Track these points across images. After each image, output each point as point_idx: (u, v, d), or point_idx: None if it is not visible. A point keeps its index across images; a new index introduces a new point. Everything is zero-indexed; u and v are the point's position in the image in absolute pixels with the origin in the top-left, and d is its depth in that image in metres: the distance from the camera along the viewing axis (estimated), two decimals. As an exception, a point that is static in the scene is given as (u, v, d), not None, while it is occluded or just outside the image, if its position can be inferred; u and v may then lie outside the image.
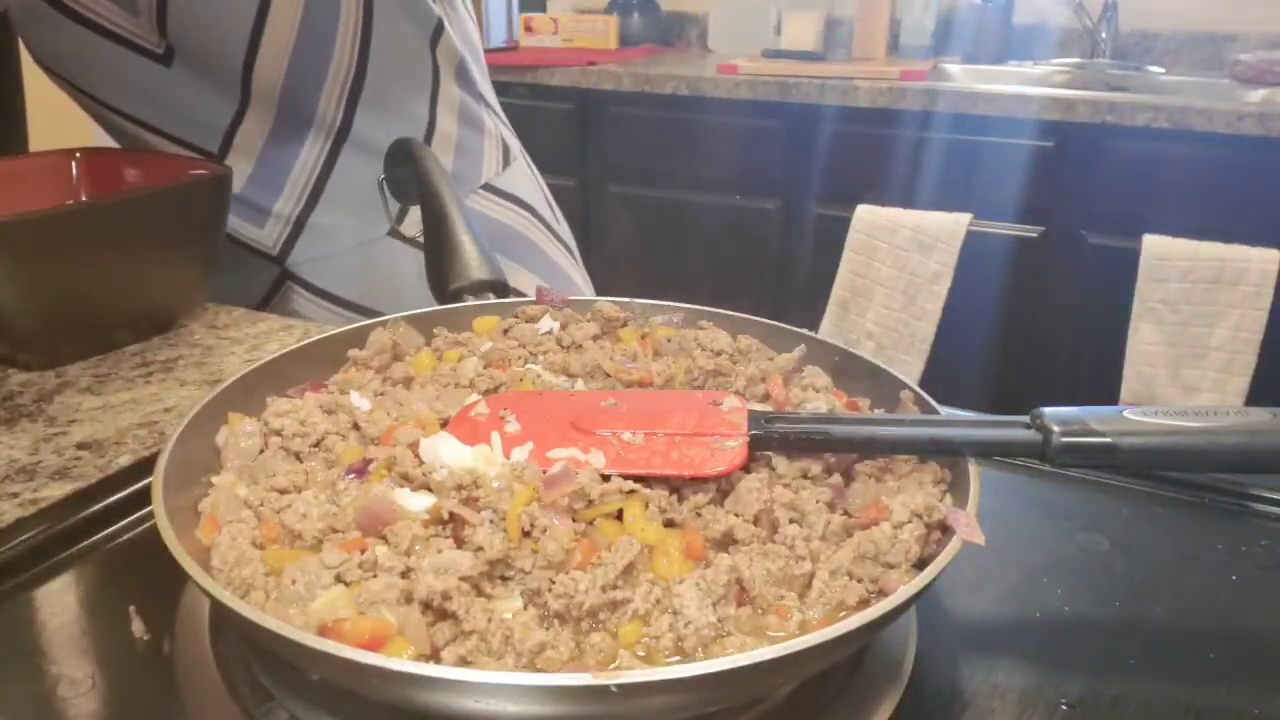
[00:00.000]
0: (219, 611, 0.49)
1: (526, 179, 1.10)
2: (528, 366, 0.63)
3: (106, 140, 1.02)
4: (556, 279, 1.06)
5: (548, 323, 0.67)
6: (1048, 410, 0.48)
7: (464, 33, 1.02)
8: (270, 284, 1.00)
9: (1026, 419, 0.49)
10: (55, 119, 1.21)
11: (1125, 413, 0.48)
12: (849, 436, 0.51)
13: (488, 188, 1.04)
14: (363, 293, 0.98)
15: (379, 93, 0.93)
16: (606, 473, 0.49)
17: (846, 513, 0.49)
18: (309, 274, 0.99)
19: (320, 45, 0.88)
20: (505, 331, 0.67)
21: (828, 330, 2.26)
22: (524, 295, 0.73)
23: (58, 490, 0.61)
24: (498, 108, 1.09)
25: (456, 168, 1.01)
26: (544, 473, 0.48)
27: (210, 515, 0.49)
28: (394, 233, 0.97)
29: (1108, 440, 0.46)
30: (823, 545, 0.47)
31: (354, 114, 0.93)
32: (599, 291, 1.07)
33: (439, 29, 0.96)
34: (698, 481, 0.50)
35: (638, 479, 0.49)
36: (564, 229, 1.12)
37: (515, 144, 1.10)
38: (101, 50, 0.87)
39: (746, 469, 0.51)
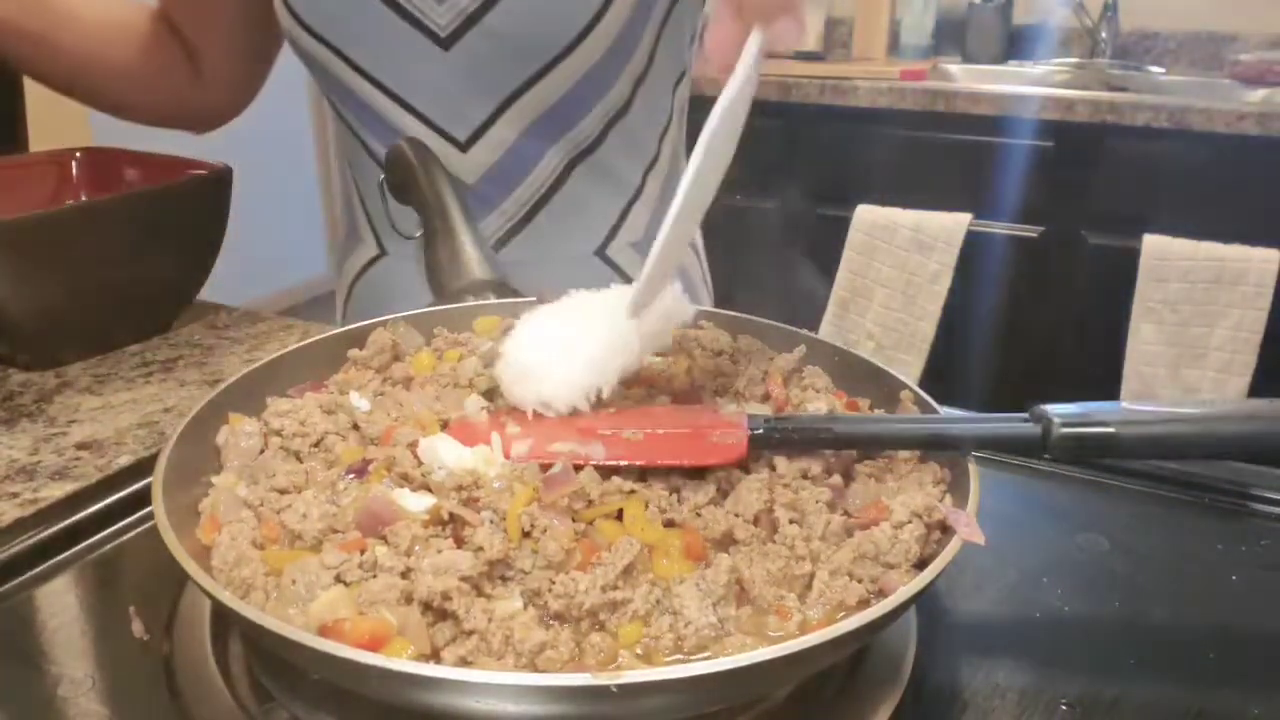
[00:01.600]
0: (219, 611, 0.49)
1: (697, 232, 1.11)
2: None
3: (107, 139, 1.02)
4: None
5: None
6: (1047, 406, 0.49)
7: (688, 81, 1.06)
8: None
9: (1025, 415, 0.49)
10: (55, 119, 1.21)
11: (1125, 405, 0.48)
12: (849, 433, 0.51)
13: None
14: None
15: (631, 121, 0.96)
16: (608, 464, 0.49)
17: (847, 513, 0.49)
18: (512, 274, 0.99)
19: (611, 75, 0.90)
20: (505, 331, 0.67)
21: (828, 330, 2.26)
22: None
23: (57, 490, 0.61)
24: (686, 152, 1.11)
25: (660, 201, 1.02)
26: (543, 472, 0.48)
27: (210, 515, 0.49)
28: (600, 254, 0.98)
29: (1109, 430, 0.46)
30: (823, 545, 0.47)
31: (607, 135, 0.95)
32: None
33: (683, 74, 1.01)
34: (698, 470, 0.50)
35: (638, 479, 0.49)
36: (710, 279, 1.14)
37: None
38: (379, 20, 0.86)
39: (746, 469, 0.51)
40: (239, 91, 1.06)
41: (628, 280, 0.98)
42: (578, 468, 0.49)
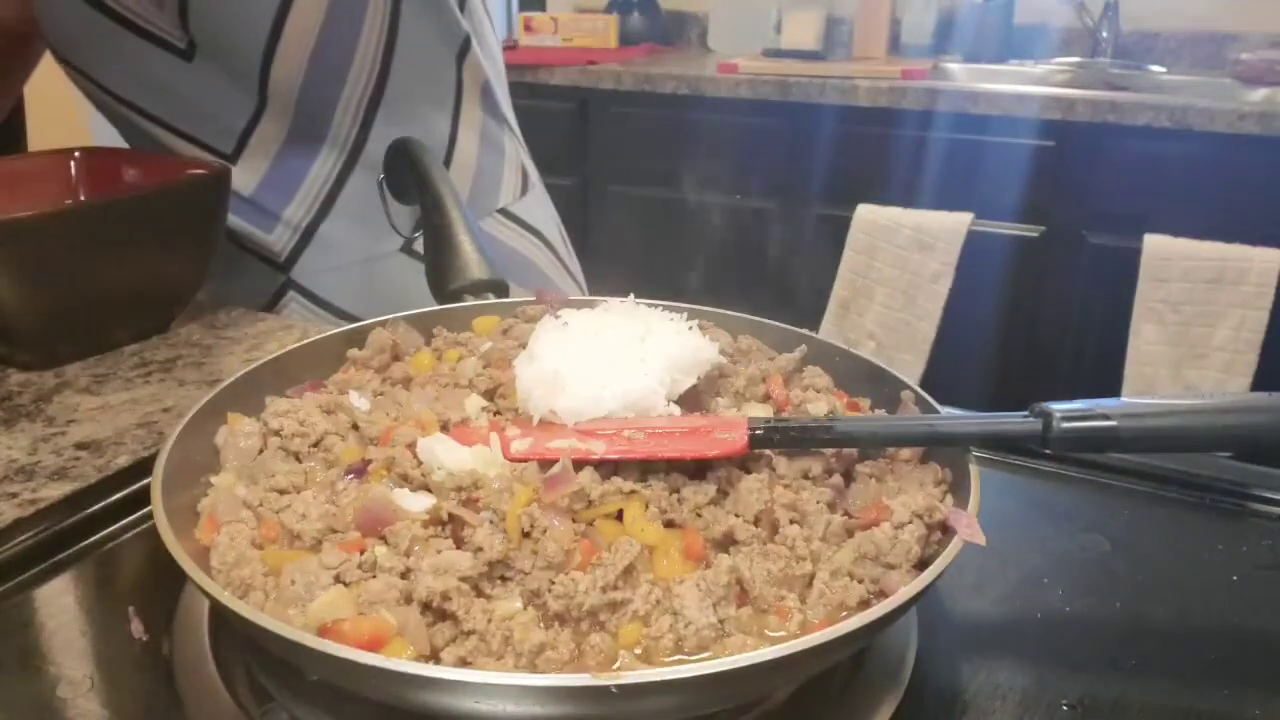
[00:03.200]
0: (218, 612, 0.49)
1: (542, 208, 1.09)
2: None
3: (107, 139, 1.02)
4: None
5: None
6: (1048, 403, 0.49)
7: (490, 54, 1.01)
8: (273, 292, 0.99)
9: (1026, 412, 0.49)
10: (55, 119, 1.21)
11: (1126, 399, 0.48)
12: (850, 432, 0.51)
13: (504, 212, 1.03)
14: (366, 307, 0.96)
15: (398, 106, 0.92)
16: (609, 458, 0.49)
17: (847, 513, 0.49)
18: (313, 284, 0.98)
19: (341, 49, 0.87)
20: (505, 331, 0.67)
21: (828, 330, 2.26)
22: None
23: (57, 490, 0.61)
24: (519, 133, 1.08)
25: (474, 189, 1.00)
26: (543, 472, 0.48)
27: (209, 515, 0.49)
28: (406, 249, 0.96)
29: (1111, 424, 0.47)
30: (823, 546, 0.47)
31: (371, 126, 0.92)
32: (598, 291, 1.06)
33: (466, 46, 0.95)
34: (699, 470, 0.50)
35: (638, 479, 0.49)
36: (574, 262, 1.11)
37: (534, 172, 1.09)
38: (123, 42, 0.86)
39: (747, 469, 0.51)
40: None
41: None
42: (578, 465, 0.49)
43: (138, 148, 0.96)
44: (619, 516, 0.47)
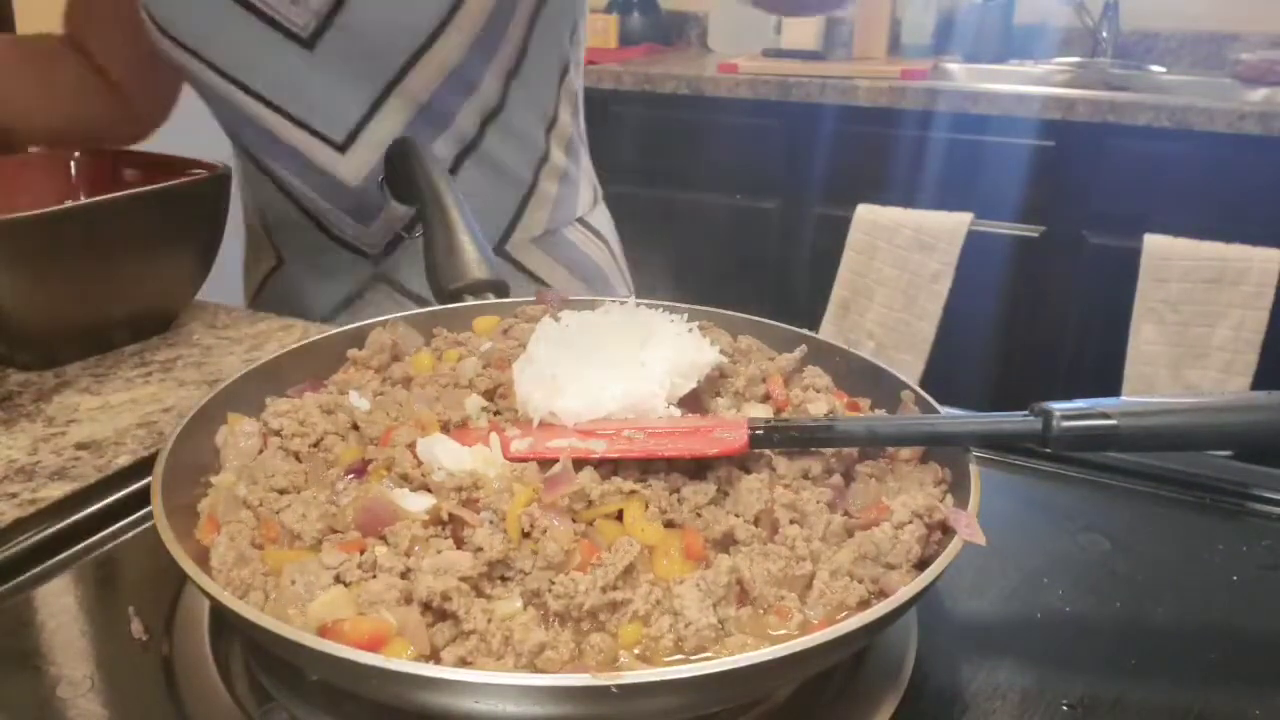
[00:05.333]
0: (218, 612, 0.49)
1: (607, 218, 1.13)
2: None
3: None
4: None
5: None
6: (1048, 402, 0.49)
7: (580, 74, 1.06)
8: (360, 282, 1.00)
9: (1026, 411, 0.49)
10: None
11: (1126, 398, 0.48)
12: (850, 431, 0.51)
13: (581, 221, 1.07)
14: None
15: (511, 118, 0.96)
16: (610, 456, 0.49)
17: (847, 513, 0.49)
18: (406, 279, 0.99)
19: (476, 67, 0.91)
20: (505, 331, 0.67)
21: (828, 330, 2.26)
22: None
23: (56, 490, 0.61)
24: (587, 149, 1.12)
25: (558, 198, 1.03)
26: (543, 472, 0.48)
27: (209, 515, 0.49)
28: (499, 250, 0.98)
29: (1111, 422, 0.47)
30: (823, 546, 0.47)
31: (485, 134, 0.95)
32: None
33: (566, 69, 1.01)
34: (699, 470, 0.50)
35: (638, 479, 0.49)
36: (626, 267, 1.16)
37: (598, 186, 1.13)
38: (241, 23, 0.87)
39: (747, 469, 0.51)
40: (156, 101, 1.07)
41: (528, 275, 0.97)
42: (578, 465, 0.49)
43: (233, 127, 0.96)
44: (619, 516, 0.47)
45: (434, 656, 0.41)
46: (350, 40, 0.87)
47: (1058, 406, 0.48)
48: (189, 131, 1.06)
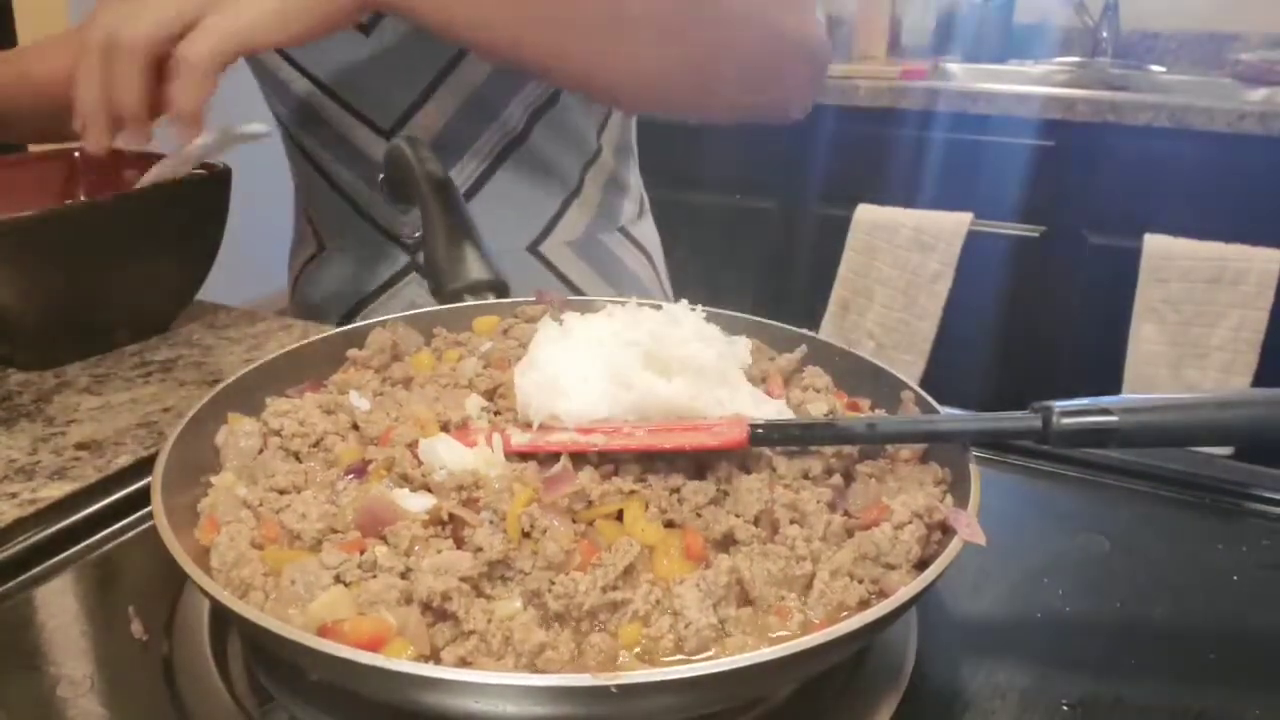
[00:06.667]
0: (218, 612, 0.49)
1: (653, 233, 1.12)
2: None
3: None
4: None
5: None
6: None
7: None
8: (395, 271, 1.00)
9: (1026, 410, 0.49)
10: (55, 119, 1.20)
11: (1126, 395, 0.49)
12: (850, 429, 0.51)
13: (623, 230, 1.06)
14: None
15: (561, 115, 0.95)
16: (610, 449, 0.49)
17: (847, 513, 0.49)
18: None
19: None
20: (505, 331, 0.67)
21: (828, 330, 2.26)
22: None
23: (56, 490, 0.61)
24: (636, 158, 1.11)
25: (604, 203, 1.02)
26: (543, 472, 0.48)
27: (209, 515, 0.49)
28: (532, 249, 0.98)
29: (1111, 418, 0.47)
30: (823, 546, 0.47)
31: (532, 129, 0.94)
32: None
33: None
34: (699, 470, 0.50)
35: (638, 479, 0.49)
36: (668, 282, 1.15)
37: (645, 198, 1.13)
38: None
39: (747, 469, 0.51)
40: None
41: (559, 277, 0.96)
42: (578, 463, 0.49)
43: (282, 109, 0.96)
44: (619, 516, 0.47)
45: (434, 656, 0.41)
46: (407, 25, 0.85)
47: (1058, 404, 0.48)
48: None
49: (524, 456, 0.50)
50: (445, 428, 0.54)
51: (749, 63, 0.78)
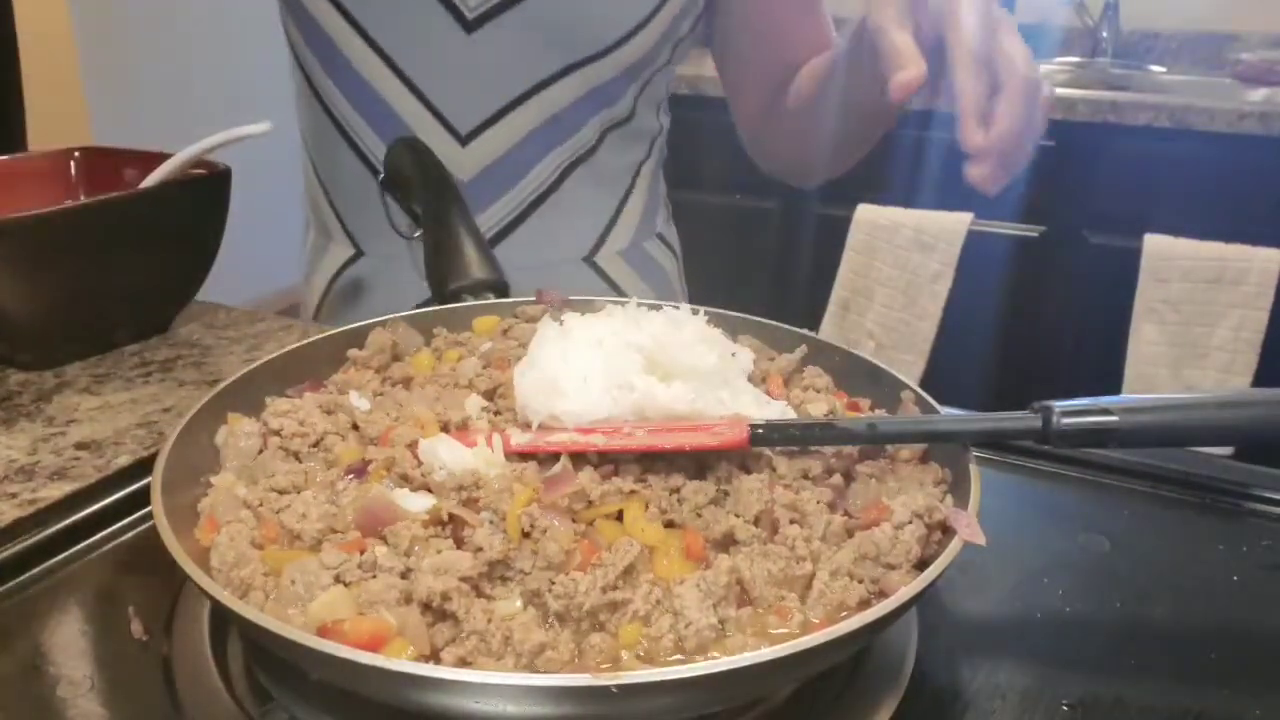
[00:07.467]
0: (218, 612, 0.49)
1: (674, 231, 1.13)
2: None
3: (107, 139, 1.02)
4: None
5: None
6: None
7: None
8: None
9: (1026, 410, 0.49)
10: (55, 119, 1.21)
11: (1126, 395, 0.49)
12: (850, 429, 0.51)
13: (659, 236, 1.07)
14: None
15: (634, 123, 0.96)
16: (611, 448, 0.49)
17: (847, 513, 0.49)
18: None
19: (619, 89, 0.90)
20: (505, 331, 0.67)
21: (828, 330, 2.26)
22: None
23: (56, 490, 0.61)
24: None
25: (645, 208, 1.02)
26: (543, 472, 0.48)
27: (209, 515, 0.49)
28: (589, 260, 0.97)
29: (1111, 418, 0.47)
30: (823, 546, 0.47)
31: (603, 141, 0.94)
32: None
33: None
34: (699, 470, 0.50)
35: (638, 479, 0.49)
36: (684, 282, 1.16)
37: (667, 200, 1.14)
38: None
39: (747, 469, 0.51)
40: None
41: (612, 286, 0.97)
42: (578, 463, 0.48)
43: (342, 99, 0.91)
44: (619, 516, 0.47)
45: (434, 656, 0.41)
46: (520, 32, 0.84)
47: (1058, 404, 0.48)
48: (194, 128, 1.06)
49: (524, 456, 0.50)
50: (445, 428, 0.54)
51: None
